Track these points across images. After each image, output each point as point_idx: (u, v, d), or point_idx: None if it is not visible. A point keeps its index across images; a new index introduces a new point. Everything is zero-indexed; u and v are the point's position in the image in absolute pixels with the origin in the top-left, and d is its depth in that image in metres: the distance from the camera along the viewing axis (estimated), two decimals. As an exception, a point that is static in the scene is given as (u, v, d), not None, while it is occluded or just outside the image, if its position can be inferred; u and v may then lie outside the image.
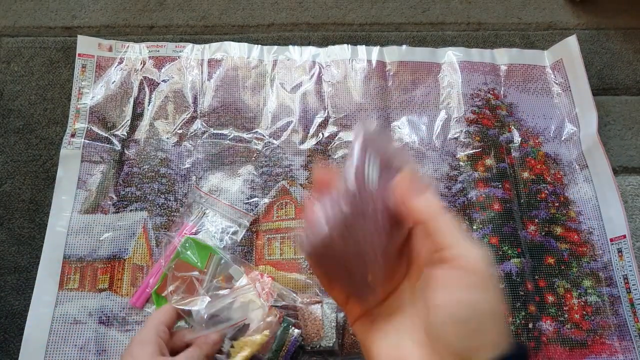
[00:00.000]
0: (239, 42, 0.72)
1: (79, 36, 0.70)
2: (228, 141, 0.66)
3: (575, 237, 0.63)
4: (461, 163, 0.66)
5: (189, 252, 0.56)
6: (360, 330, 0.34)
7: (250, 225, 0.61)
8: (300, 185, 0.64)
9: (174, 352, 0.46)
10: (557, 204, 0.65)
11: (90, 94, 0.67)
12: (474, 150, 0.67)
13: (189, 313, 0.49)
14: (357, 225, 0.30)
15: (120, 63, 0.69)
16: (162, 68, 0.69)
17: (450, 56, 0.73)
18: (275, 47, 0.72)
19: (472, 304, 0.27)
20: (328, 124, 0.68)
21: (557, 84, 0.72)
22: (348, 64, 0.71)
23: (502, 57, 0.74)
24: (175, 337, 0.48)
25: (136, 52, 0.70)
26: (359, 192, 0.30)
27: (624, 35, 0.77)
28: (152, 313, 0.52)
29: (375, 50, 0.72)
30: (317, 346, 0.54)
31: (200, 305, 0.49)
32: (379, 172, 0.31)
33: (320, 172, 0.33)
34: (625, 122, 0.71)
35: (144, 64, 0.69)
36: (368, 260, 0.31)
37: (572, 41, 0.72)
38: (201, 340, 0.47)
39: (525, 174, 0.66)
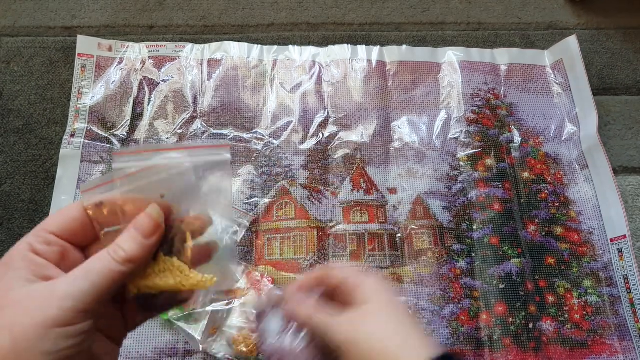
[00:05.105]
0: (238, 42, 0.72)
1: (78, 36, 0.70)
2: (228, 141, 0.66)
3: (576, 237, 0.63)
4: (461, 163, 0.66)
5: None
6: None
7: (250, 225, 0.61)
8: (301, 185, 0.64)
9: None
10: (557, 204, 0.64)
11: (90, 93, 0.67)
12: (474, 150, 0.67)
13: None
14: None
15: (120, 63, 0.69)
16: (161, 68, 0.69)
17: (451, 56, 0.73)
18: (275, 47, 0.72)
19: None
20: (328, 123, 0.68)
21: (557, 83, 0.72)
22: (348, 64, 0.71)
23: (503, 57, 0.74)
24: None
25: (136, 52, 0.70)
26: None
27: (624, 35, 0.77)
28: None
29: (375, 50, 0.72)
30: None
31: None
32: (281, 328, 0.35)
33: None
34: (626, 122, 0.71)
35: (144, 64, 0.69)
36: None
37: (572, 41, 0.72)
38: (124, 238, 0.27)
39: (526, 174, 0.66)
